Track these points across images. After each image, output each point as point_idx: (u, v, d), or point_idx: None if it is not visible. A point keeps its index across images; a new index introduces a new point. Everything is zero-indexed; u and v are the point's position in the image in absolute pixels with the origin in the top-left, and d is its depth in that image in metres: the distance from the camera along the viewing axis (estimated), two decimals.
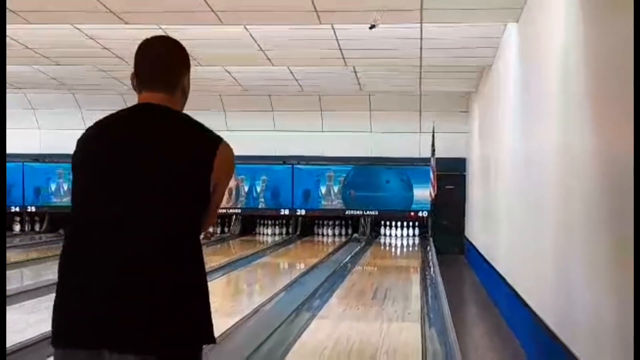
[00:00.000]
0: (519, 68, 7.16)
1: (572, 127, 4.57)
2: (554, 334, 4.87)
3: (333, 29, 8.20)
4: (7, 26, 7.86)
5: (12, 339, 5.35)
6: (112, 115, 2.28)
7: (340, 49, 9.23)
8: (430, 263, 11.10)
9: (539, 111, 5.80)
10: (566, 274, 4.70)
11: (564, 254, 4.78)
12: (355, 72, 11.42)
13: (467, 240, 13.55)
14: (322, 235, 15.91)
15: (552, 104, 5.22)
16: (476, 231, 12.01)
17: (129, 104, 2.29)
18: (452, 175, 14.61)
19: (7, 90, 13.98)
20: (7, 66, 11.01)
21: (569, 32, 4.69)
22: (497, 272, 8.22)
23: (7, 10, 6.87)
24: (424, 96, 14.14)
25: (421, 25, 7.80)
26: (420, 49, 9.15)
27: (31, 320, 6.41)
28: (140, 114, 2.22)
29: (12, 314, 6.71)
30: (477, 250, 11.23)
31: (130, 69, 2.34)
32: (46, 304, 7.33)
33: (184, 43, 2.41)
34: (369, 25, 7.05)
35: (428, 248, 13.26)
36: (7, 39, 8.96)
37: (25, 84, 13.37)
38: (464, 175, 14.63)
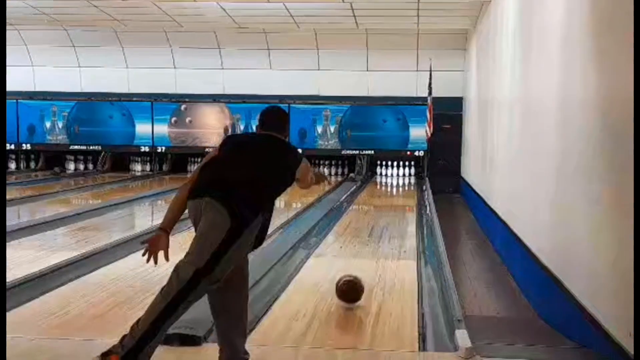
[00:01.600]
0: (518, 6, 7.04)
1: (573, 67, 4.51)
2: (549, 270, 4.90)
3: None
4: None
5: (13, 273, 5.39)
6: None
7: None
8: (426, 202, 11.12)
9: (540, 49, 5.72)
10: (563, 214, 4.70)
11: (561, 192, 4.78)
12: (352, 8, 11.24)
13: (463, 179, 13.57)
14: None
15: (553, 42, 5.14)
16: (472, 170, 12.02)
17: (123, 41, 2.29)
18: (448, 115, 14.55)
19: None
20: None
21: None
22: (493, 211, 8.25)
23: None
24: (422, 34, 13.97)
25: None
26: None
27: (29, 256, 6.44)
28: (263, 135, 3.69)
29: (11, 250, 6.74)
30: (473, 190, 11.26)
31: (123, 3, 2.30)
32: (42, 241, 7.37)
33: None
34: None
35: (424, 187, 13.28)
36: None
37: (17, 19, 13.15)
38: (461, 115, 14.57)
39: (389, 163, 15.87)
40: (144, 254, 3.29)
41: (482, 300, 5.81)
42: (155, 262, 3.29)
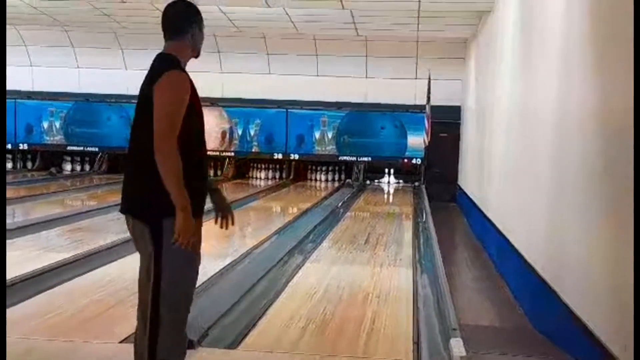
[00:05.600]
0: (518, 16, 7.04)
1: (572, 78, 4.51)
2: (543, 280, 4.89)
3: None
4: None
5: (7, 273, 5.35)
6: None
7: None
8: (423, 210, 11.12)
9: (539, 60, 5.72)
10: (559, 224, 4.70)
11: (557, 203, 4.77)
12: (352, 15, 11.25)
13: (460, 188, 13.57)
14: (315, 180, 15.92)
15: (552, 53, 5.14)
16: (469, 179, 12.02)
17: (122, 43, 2.36)
18: (446, 123, 14.55)
19: None
20: None
21: None
22: (489, 220, 8.25)
23: None
24: (421, 42, 13.99)
25: None
26: None
27: (22, 256, 6.41)
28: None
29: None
30: (469, 198, 11.26)
31: (122, 5, 2.33)
32: (36, 242, 7.34)
33: None
34: None
35: (420, 195, 13.29)
36: None
37: (16, 19, 13.13)
38: (459, 123, 14.57)
39: (386, 170, 15.87)
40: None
41: (477, 309, 5.80)
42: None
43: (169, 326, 2.77)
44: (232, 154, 15.85)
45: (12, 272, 5.45)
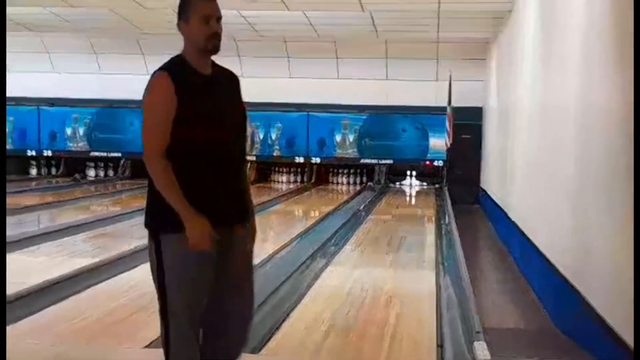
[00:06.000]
0: (539, 15, 7.00)
1: (594, 76, 4.48)
2: (567, 280, 4.85)
3: None
4: None
5: (32, 279, 5.41)
6: None
7: None
8: (445, 212, 11.07)
9: (560, 59, 5.68)
10: (583, 225, 4.66)
11: (580, 202, 4.73)
12: (372, 17, 11.24)
13: (482, 190, 13.50)
14: (337, 183, 15.91)
15: (574, 51, 5.10)
16: (492, 181, 11.96)
17: (144, 48, 2.39)
18: (468, 125, 14.47)
19: (22, 32, 13.93)
20: (22, 7, 10.95)
21: None
22: (512, 221, 8.20)
23: None
24: (442, 43, 13.94)
25: None
26: None
27: (48, 262, 6.47)
28: None
29: (31, 256, 6.79)
30: (492, 200, 11.19)
31: (145, 12, 2.38)
32: (61, 247, 7.41)
33: None
34: None
35: (443, 197, 13.23)
36: None
37: (39, 26, 13.28)
38: (480, 125, 14.50)
39: (408, 172, 15.82)
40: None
41: (501, 312, 5.76)
42: None
43: (176, 338, 2.71)
44: (254, 158, 15.89)
45: (38, 277, 5.51)
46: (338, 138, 15.65)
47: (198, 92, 2.68)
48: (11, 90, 16.37)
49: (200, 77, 2.72)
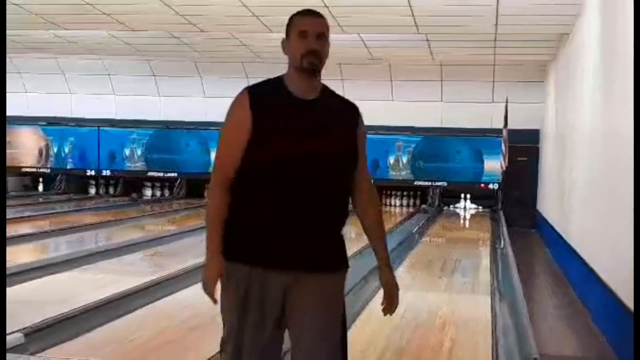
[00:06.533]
0: (600, 36, 6.88)
1: None
2: (627, 308, 4.71)
3: None
4: None
5: (87, 297, 5.50)
6: None
7: (413, 15, 9.06)
8: (501, 235, 10.90)
9: (621, 83, 5.56)
10: None
11: None
12: (427, 40, 11.21)
13: (539, 213, 13.26)
14: (390, 205, 15.83)
15: (633, 74, 4.99)
16: (549, 205, 11.74)
17: (202, 72, 2.38)
18: (525, 147, 14.27)
19: (85, 55, 14.30)
20: (85, 30, 11.23)
21: None
22: (570, 246, 8.02)
23: None
24: (498, 65, 13.82)
25: None
26: (496, 16, 8.90)
27: (106, 279, 6.57)
28: None
29: (86, 274, 6.91)
30: (549, 224, 10.98)
31: (202, 35, 2.39)
32: (118, 266, 7.52)
33: (252, 9, 2.49)
34: None
35: (498, 220, 13.04)
36: (86, 5, 9.11)
37: (101, 50, 13.62)
38: (537, 148, 14.28)
39: (462, 195, 15.64)
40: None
41: (558, 338, 5.62)
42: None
43: None
44: None
45: (92, 296, 5.59)
46: (391, 160, 15.60)
47: (284, 114, 2.40)
48: (72, 112, 16.85)
49: (294, 100, 2.43)
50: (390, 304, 2.61)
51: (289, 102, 2.42)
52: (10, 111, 14.40)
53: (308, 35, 2.44)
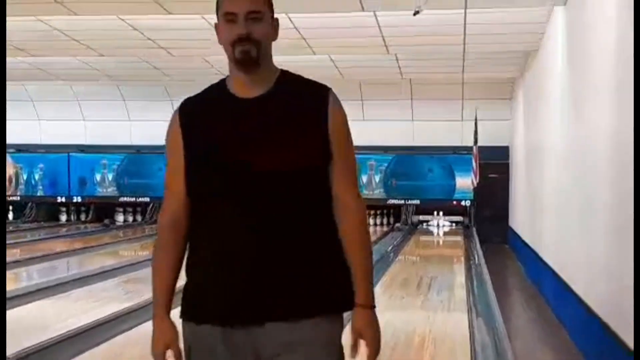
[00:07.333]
0: (567, 53, 7.01)
1: (625, 115, 4.45)
2: (605, 324, 4.76)
3: (375, 16, 8.12)
4: (54, 17, 7.97)
5: (61, 326, 5.43)
6: None
7: (382, 36, 9.15)
8: (474, 252, 10.98)
9: (589, 98, 5.66)
10: (620, 264, 4.59)
11: (617, 242, 4.66)
12: (397, 59, 11.32)
13: (511, 229, 13.39)
14: None
15: (603, 90, 5.09)
16: (521, 220, 11.86)
17: (172, 96, 2.31)
18: (495, 164, 14.43)
19: (52, 81, 14.20)
20: (54, 57, 11.16)
21: (621, 15, 4.56)
22: (544, 261, 8.10)
23: (53, 1, 6.95)
24: (467, 83, 13.98)
25: (465, 11, 7.68)
26: (464, 35, 9.02)
27: (80, 308, 6.50)
28: None
29: (59, 302, 6.82)
30: (521, 240, 11.09)
31: (173, 59, 2.36)
32: (92, 293, 7.44)
33: None
34: (413, 12, 6.97)
35: (471, 237, 13.14)
36: (54, 31, 9.08)
37: (70, 75, 13.53)
38: (507, 164, 14.44)
39: (435, 213, 15.74)
40: None
41: (535, 354, 5.66)
42: None
43: None
44: None
45: (70, 323, 5.53)
46: (364, 179, 15.66)
47: (214, 122, 1.94)
48: (42, 138, 16.70)
49: (234, 101, 1.95)
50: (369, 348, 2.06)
51: (228, 106, 1.95)
52: None
53: (237, 18, 1.89)
